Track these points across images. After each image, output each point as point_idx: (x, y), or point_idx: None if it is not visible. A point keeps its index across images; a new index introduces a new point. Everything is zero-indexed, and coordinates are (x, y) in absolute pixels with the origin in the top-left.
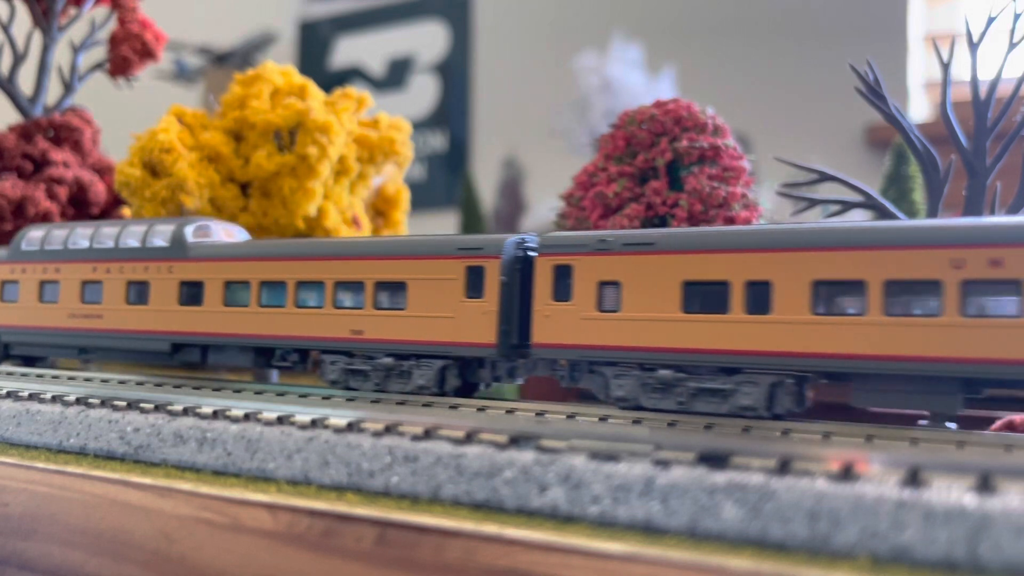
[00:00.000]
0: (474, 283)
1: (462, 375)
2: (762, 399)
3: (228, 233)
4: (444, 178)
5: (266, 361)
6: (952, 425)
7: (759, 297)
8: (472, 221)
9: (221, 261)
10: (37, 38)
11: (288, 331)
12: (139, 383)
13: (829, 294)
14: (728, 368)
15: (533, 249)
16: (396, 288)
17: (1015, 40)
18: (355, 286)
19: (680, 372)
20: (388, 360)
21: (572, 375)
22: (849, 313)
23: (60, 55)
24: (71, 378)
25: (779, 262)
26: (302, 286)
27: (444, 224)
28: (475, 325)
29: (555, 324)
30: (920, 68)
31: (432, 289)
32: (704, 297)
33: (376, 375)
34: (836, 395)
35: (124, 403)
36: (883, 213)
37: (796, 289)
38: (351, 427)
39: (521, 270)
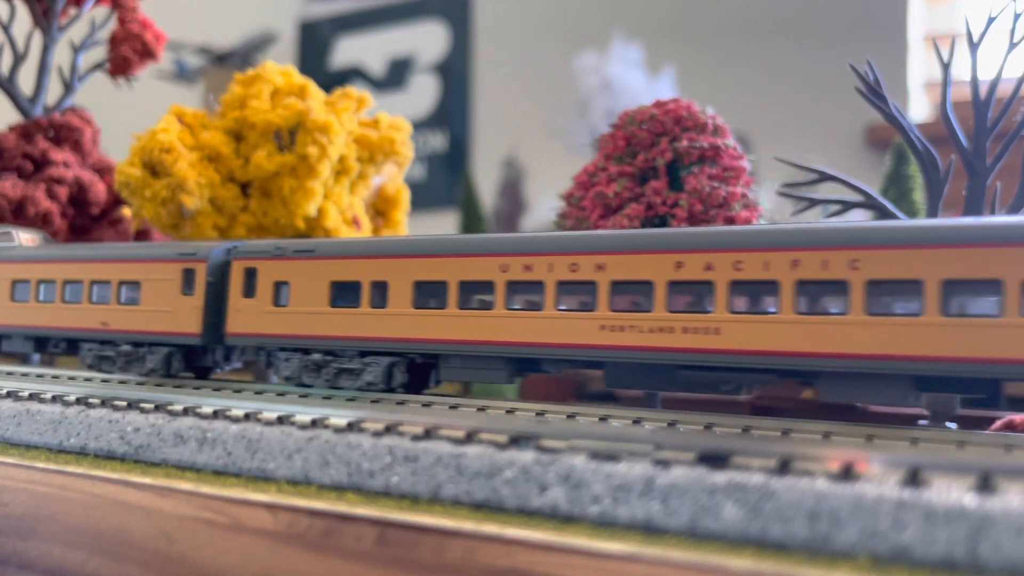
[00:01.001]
0: (188, 283)
1: (187, 360)
2: (381, 376)
3: (31, 240)
4: (444, 178)
5: (43, 347)
6: (952, 425)
7: (380, 294)
8: (472, 221)
9: (12, 264)
10: (37, 38)
11: (58, 323)
12: (139, 383)
13: (430, 292)
14: (362, 351)
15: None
16: (134, 287)
17: (1015, 40)
18: (105, 285)
19: (328, 355)
20: (128, 348)
21: (268, 360)
22: (434, 307)
23: (60, 55)
24: (71, 378)
25: (393, 266)
26: (68, 284)
27: (444, 224)
28: (187, 318)
29: (244, 317)
30: (920, 68)
31: (159, 288)
32: (345, 294)
33: (120, 360)
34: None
35: (124, 403)
36: (883, 213)
37: (404, 288)
38: (351, 427)
39: (225, 273)
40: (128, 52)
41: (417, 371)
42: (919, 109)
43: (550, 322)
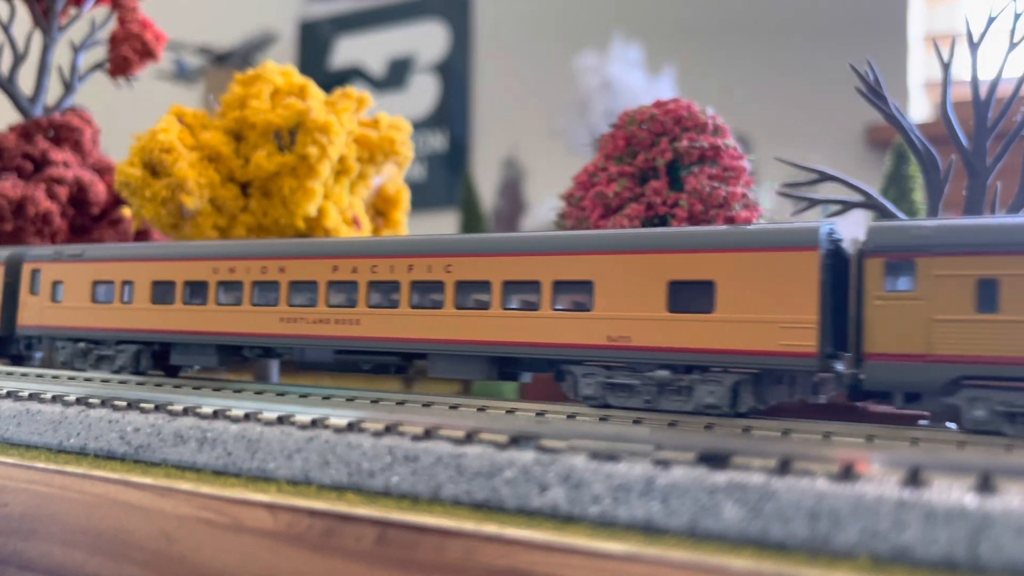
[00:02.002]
0: None
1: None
2: (130, 361)
3: None
4: (444, 178)
5: None
6: (952, 425)
7: (129, 292)
8: (472, 221)
9: None
10: (37, 38)
11: None
12: (139, 383)
13: (164, 290)
14: (118, 340)
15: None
16: None
17: (1015, 40)
18: None
19: (92, 344)
20: None
21: (52, 347)
22: (168, 303)
23: (60, 55)
24: (71, 378)
25: (137, 268)
26: None
27: (444, 224)
28: None
29: (30, 311)
30: (920, 68)
31: None
32: (103, 291)
33: None
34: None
35: (124, 403)
36: (883, 213)
37: (144, 287)
38: (351, 427)
39: (19, 273)
40: (128, 52)
41: (160, 357)
42: (919, 109)
43: (250, 316)
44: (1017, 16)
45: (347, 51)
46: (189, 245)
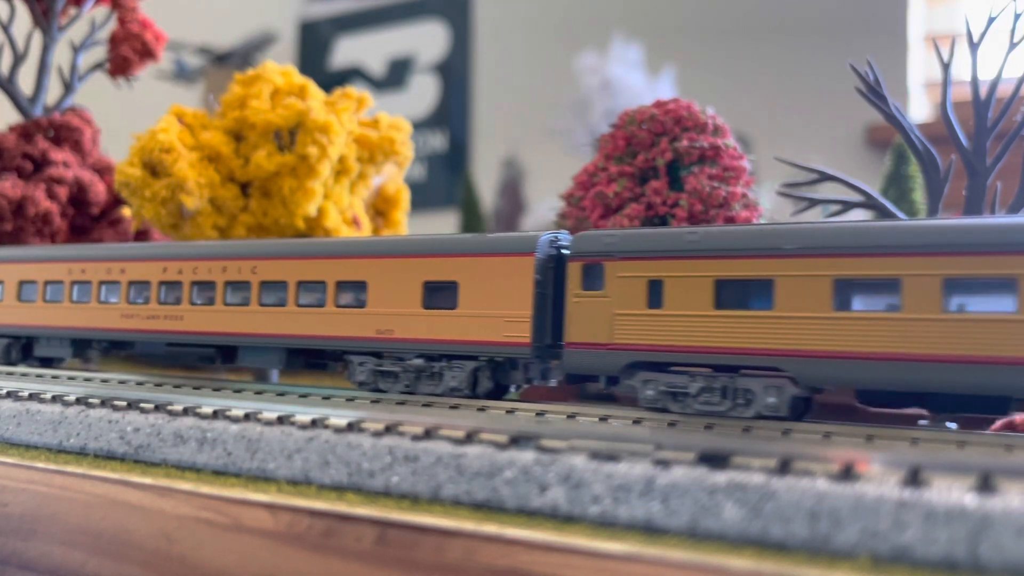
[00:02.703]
0: None
1: None
2: (1, 353)
3: None
4: (444, 178)
5: None
6: (952, 425)
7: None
8: (472, 221)
9: None
10: (37, 38)
11: None
12: (139, 383)
13: (29, 289)
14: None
15: None
16: None
17: (1015, 40)
18: None
19: None
20: None
21: None
22: (33, 300)
23: (60, 55)
24: (71, 378)
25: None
26: None
27: (444, 224)
28: None
29: None
30: (920, 68)
31: None
32: None
33: None
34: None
35: (124, 403)
36: (883, 213)
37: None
38: (351, 427)
39: None
40: (128, 52)
41: (27, 350)
42: (919, 109)
43: (98, 312)
44: (1017, 16)
45: (347, 51)
46: (48, 249)
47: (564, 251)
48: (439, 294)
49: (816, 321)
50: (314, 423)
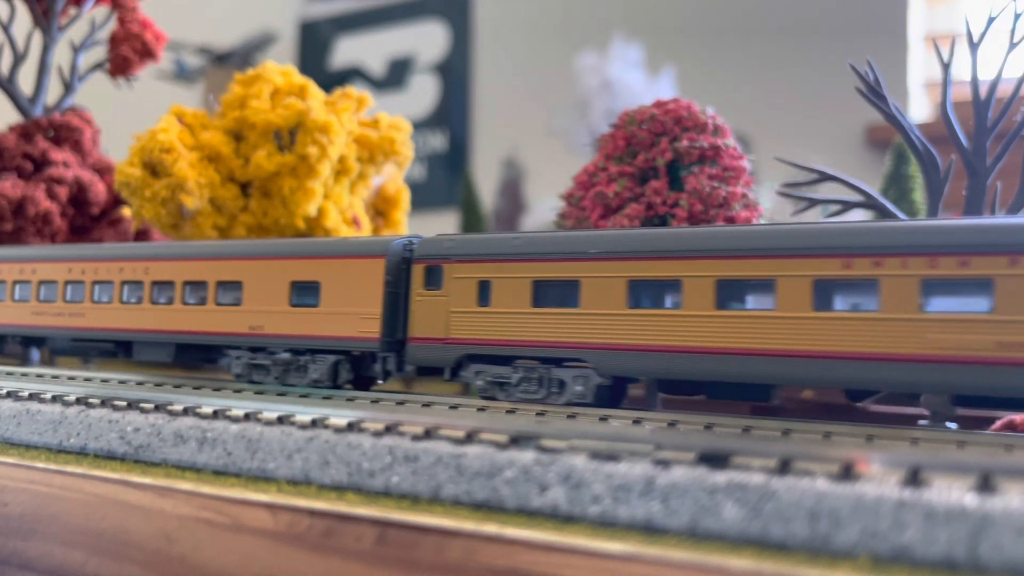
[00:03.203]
0: None
1: None
2: None
3: None
4: (444, 178)
5: None
6: (952, 425)
7: None
8: (472, 221)
9: None
10: (37, 38)
11: None
12: (139, 383)
13: None
14: None
15: None
16: None
17: (1015, 40)
18: None
19: None
20: None
21: None
22: None
23: (60, 55)
24: (71, 378)
25: None
26: None
27: (444, 224)
28: None
29: None
30: (920, 68)
31: None
32: None
33: None
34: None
35: (124, 403)
36: (883, 213)
37: None
38: (351, 427)
39: None
40: (128, 52)
41: None
42: (919, 109)
43: (11, 310)
44: (1017, 16)
45: (347, 51)
46: None
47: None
48: (304, 293)
49: (613, 318)
50: (314, 423)
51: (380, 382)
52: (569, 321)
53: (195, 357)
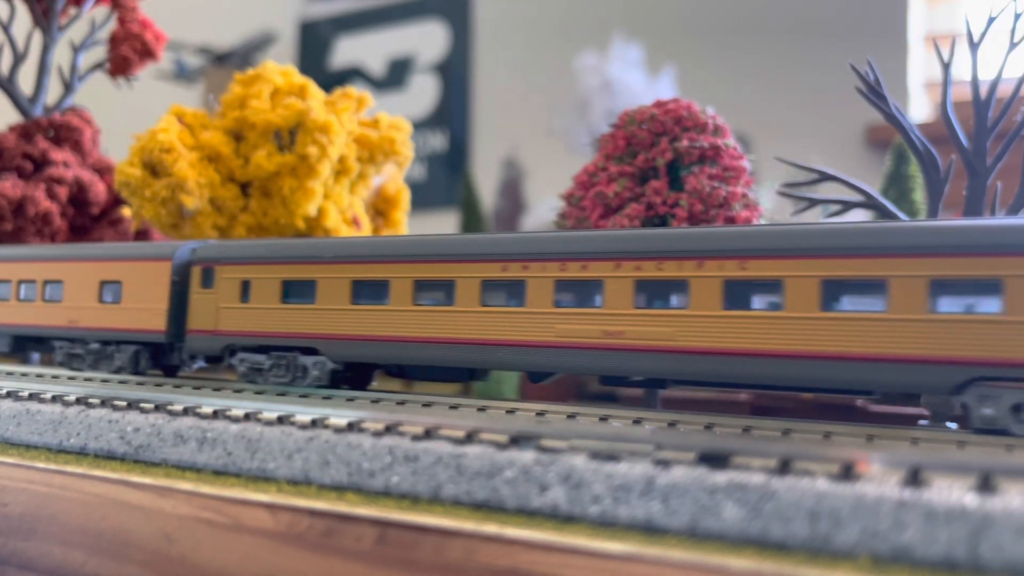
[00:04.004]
0: None
1: None
2: None
3: None
4: (444, 178)
5: None
6: (953, 425)
7: None
8: (472, 221)
9: None
10: (37, 38)
11: None
12: (139, 383)
13: None
14: None
15: None
16: None
17: (1015, 40)
18: None
19: None
20: None
21: None
22: None
23: (60, 55)
24: (71, 378)
25: None
26: None
27: (444, 224)
28: None
29: None
30: (920, 68)
31: None
32: None
33: None
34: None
35: (124, 403)
36: (883, 213)
37: None
38: (351, 427)
39: None
40: (128, 52)
41: None
42: (919, 109)
43: None
44: (1017, 16)
45: (347, 51)
46: None
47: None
48: (110, 292)
49: (340, 312)
50: (314, 423)
51: (188, 368)
52: (308, 315)
53: (30, 347)
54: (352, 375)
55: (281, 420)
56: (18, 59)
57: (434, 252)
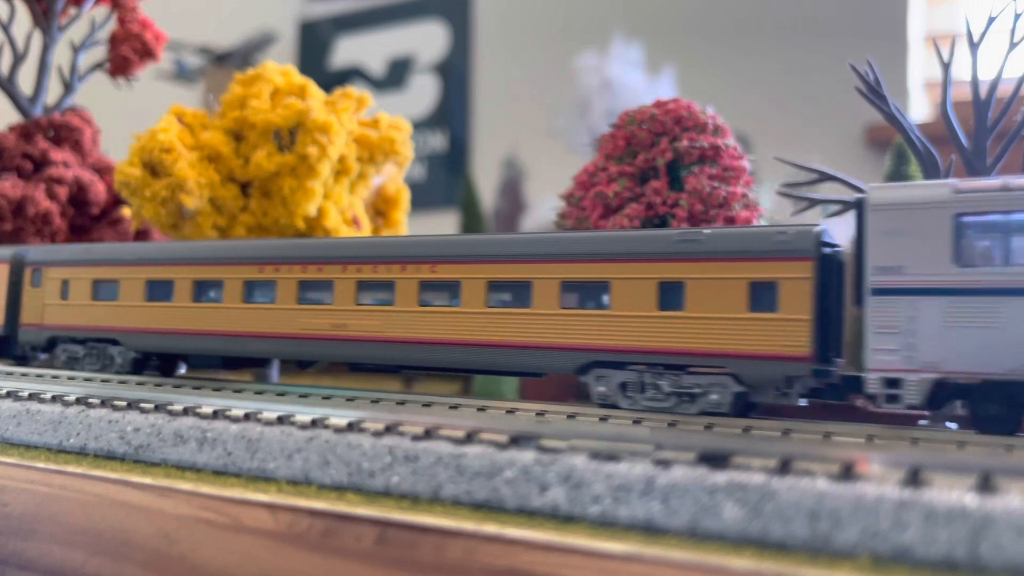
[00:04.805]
0: None
1: None
2: None
3: None
4: (444, 178)
5: None
6: (953, 425)
7: None
8: (472, 221)
9: None
10: (37, 38)
11: None
12: (139, 383)
13: None
14: None
15: None
16: None
17: (1015, 40)
18: None
19: None
20: None
21: None
22: None
23: (60, 55)
24: (71, 378)
25: None
26: None
27: (444, 224)
28: None
29: None
30: (920, 68)
31: None
32: None
33: None
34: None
35: (124, 403)
36: None
37: None
38: (351, 427)
39: None
40: (128, 52)
41: None
42: (919, 109)
43: None
44: (1017, 16)
45: (347, 51)
46: None
47: (40, 261)
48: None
49: (136, 308)
50: (314, 423)
51: (36, 360)
52: (112, 311)
53: None
54: (160, 364)
55: (281, 420)
56: (18, 59)
57: (208, 256)
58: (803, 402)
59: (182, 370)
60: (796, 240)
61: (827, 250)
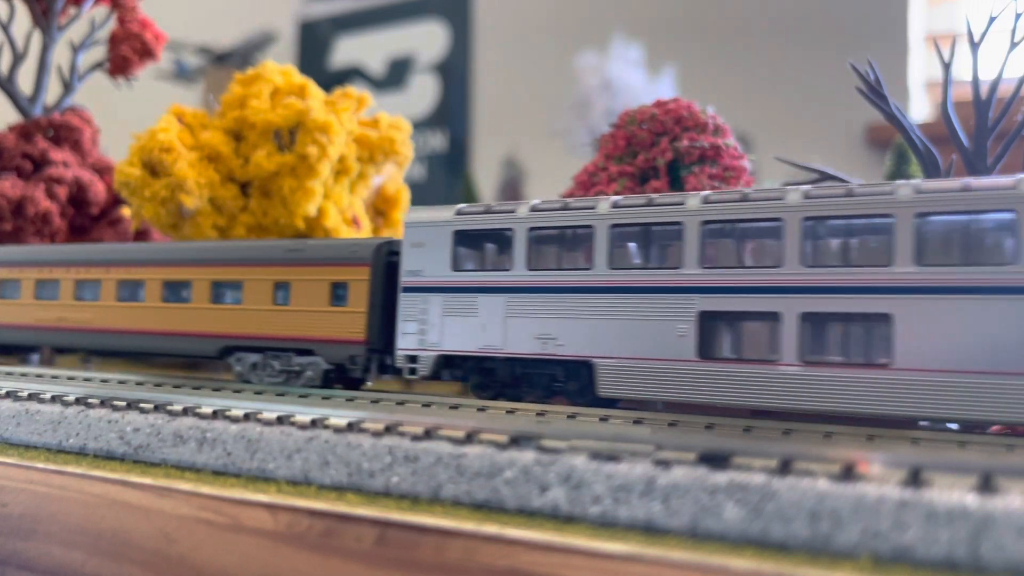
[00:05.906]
0: None
1: None
2: None
3: None
4: (444, 178)
5: None
6: (953, 425)
7: None
8: None
9: None
10: (37, 38)
11: None
12: (139, 383)
13: None
14: None
15: None
16: None
17: (1016, 40)
18: None
19: None
20: None
21: None
22: None
23: (60, 55)
24: (71, 378)
25: None
26: None
27: None
28: None
29: None
30: (921, 68)
31: None
32: None
33: None
34: None
35: (124, 403)
36: None
37: None
38: (351, 427)
39: None
40: (128, 52)
41: None
42: (920, 109)
43: None
44: (1017, 16)
45: (347, 51)
46: None
47: None
48: None
49: None
50: (314, 423)
51: None
52: None
53: None
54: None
55: (281, 420)
56: (18, 59)
57: (5, 261)
58: (369, 380)
59: None
60: (362, 250)
61: (392, 258)
